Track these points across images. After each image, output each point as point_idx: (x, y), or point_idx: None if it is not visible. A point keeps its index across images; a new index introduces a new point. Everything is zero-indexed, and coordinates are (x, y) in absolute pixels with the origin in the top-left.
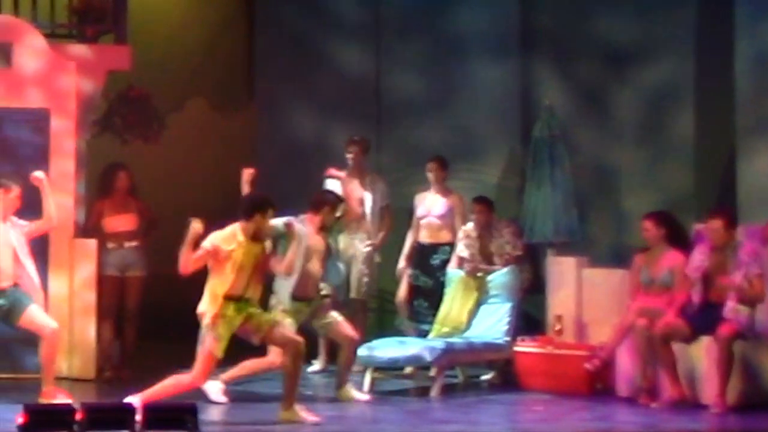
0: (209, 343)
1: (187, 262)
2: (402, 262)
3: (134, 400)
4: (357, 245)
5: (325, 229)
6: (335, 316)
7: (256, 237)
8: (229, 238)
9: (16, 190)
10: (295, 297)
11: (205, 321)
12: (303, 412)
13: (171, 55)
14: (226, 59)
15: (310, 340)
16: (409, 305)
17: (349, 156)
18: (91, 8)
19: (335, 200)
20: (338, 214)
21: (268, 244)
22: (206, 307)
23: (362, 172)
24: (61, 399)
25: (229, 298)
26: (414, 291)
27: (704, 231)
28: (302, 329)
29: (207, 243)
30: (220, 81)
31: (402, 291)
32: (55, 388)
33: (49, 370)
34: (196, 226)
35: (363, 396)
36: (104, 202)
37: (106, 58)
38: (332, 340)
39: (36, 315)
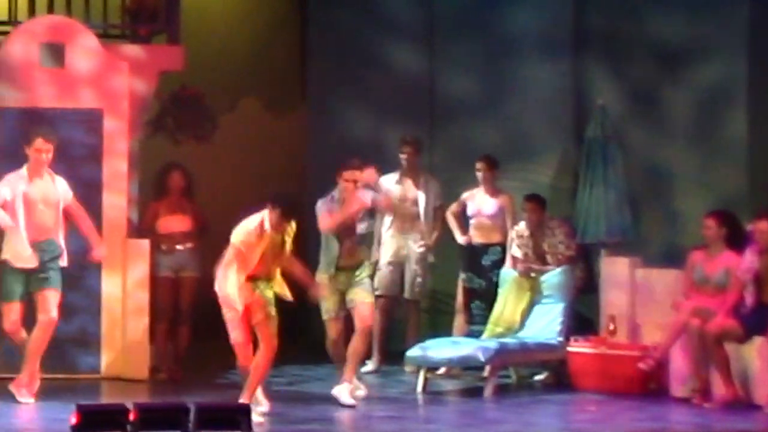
0: (260, 316)
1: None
2: None
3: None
4: (411, 245)
5: None
6: (365, 296)
7: (277, 229)
8: (257, 231)
9: (51, 146)
10: (337, 266)
11: (237, 302)
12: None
13: (224, 55)
14: (278, 59)
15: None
16: (466, 309)
17: (402, 156)
18: (143, 8)
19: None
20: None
21: (288, 237)
22: (233, 290)
23: (416, 173)
24: (24, 396)
25: (251, 278)
26: (470, 294)
27: (753, 232)
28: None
29: (239, 244)
30: (272, 81)
31: (459, 296)
32: (31, 380)
33: (35, 359)
34: None
35: (350, 401)
36: (159, 202)
37: (158, 58)
38: (384, 342)
39: (50, 299)
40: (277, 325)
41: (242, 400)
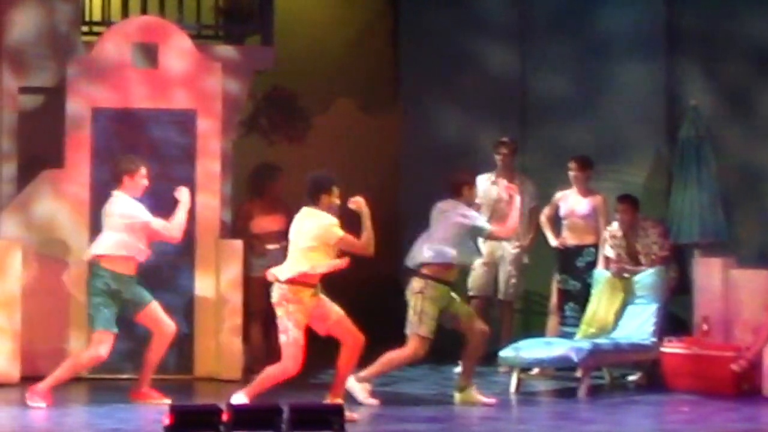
0: (337, 313)
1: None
2: None
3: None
4: (505, 247)
5: None
6: (468, 309)
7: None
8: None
9: (142, 171)
10: (441, 280)
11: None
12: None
13: (317, 55)
14: (371, 60)
15: (458, 341)
16: (560, 311)
17: (498, 157)
18: (237, 9)
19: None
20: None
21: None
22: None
23: (511, 174)
24: (158, 399)
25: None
26: (564, 295)
27: None
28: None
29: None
30: (366, 81)
31: (554, 298)
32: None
33: (153, 369)
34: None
35: (488, 399)
36: (253, 203)
37: (252, 58)
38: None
39: (158, 311)
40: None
41: (335, 399)
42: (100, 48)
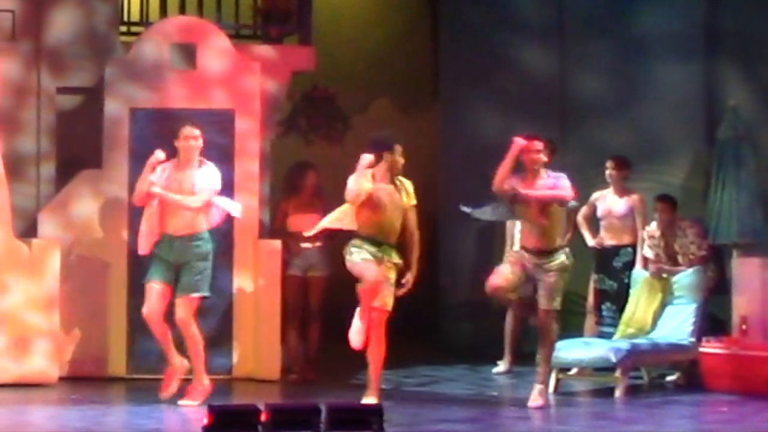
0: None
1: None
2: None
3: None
4: None
5: None
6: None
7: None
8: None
9: (198, 134)
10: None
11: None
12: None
13: (355, 55)
14: (410, 59)
15: (496, 341)
16: (597, 310)
17: None
18: (275, 9)
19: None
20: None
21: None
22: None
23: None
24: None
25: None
26: (601, 295)
27: None
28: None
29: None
30: (404, 81)
31: (590, 297)
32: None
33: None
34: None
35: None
36: (289, 201)
37: (290, 58)
38: (515, 342)
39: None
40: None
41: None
42: (139, 48)
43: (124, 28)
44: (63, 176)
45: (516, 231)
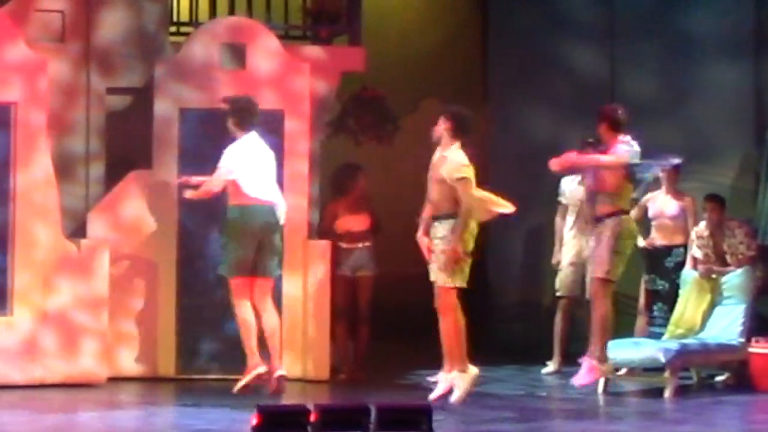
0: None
1: None
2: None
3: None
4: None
5: None
6: None
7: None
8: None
9: None
10: None
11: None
12: None
13: (405, 56)
14: (459, 60)
15: (546, 341)
16: (648, 311)
17: None
18: (325, 10)
19: None
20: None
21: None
22: None
23: None
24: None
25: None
26: (652, 296)
27: None
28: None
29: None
30: (454, 82)
31: (642, 298)
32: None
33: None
34: None
35: None
36: (338, 202)
37: (340, 59)
38: (565, 343)
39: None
40: None
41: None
42: (188, 48)
43: (173, 29)
44: (112, 176)
45: (566, 231)
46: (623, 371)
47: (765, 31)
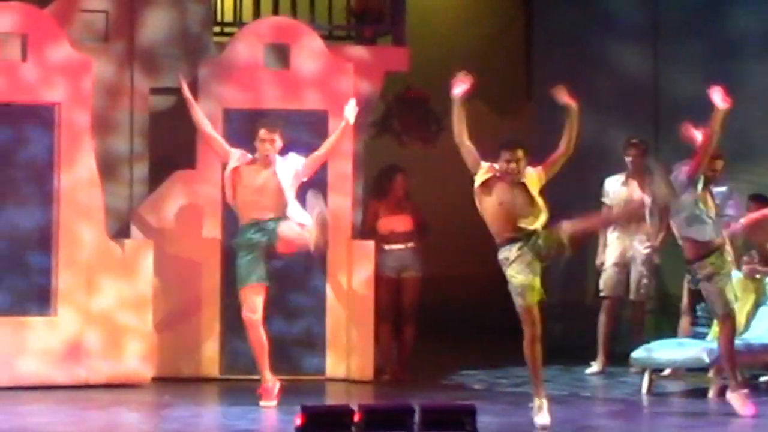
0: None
1: None
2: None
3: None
4: (636, 247)
5: None
6: None
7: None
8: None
9: (275, 135)
10: None
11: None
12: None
13: (449, 56)
14: (504, 60)
15: (590, 341)
16: (691, 311)
17: (628, 159)
18: (369, 10)
19: None
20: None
21: None
22: None
23: (642, 174)
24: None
25: None
26: (695, 296)
27: None
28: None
29: None
30: (498, 82)
31: (685, 298)
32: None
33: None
34: None
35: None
36: (380, 203)
37: (384, 59)
38: (609, 343)
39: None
40: None
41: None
42: (232, 49)
43: (217, 29)
44: (156, 177)
45: (609, 231)
46: (667, 372)
47: None
